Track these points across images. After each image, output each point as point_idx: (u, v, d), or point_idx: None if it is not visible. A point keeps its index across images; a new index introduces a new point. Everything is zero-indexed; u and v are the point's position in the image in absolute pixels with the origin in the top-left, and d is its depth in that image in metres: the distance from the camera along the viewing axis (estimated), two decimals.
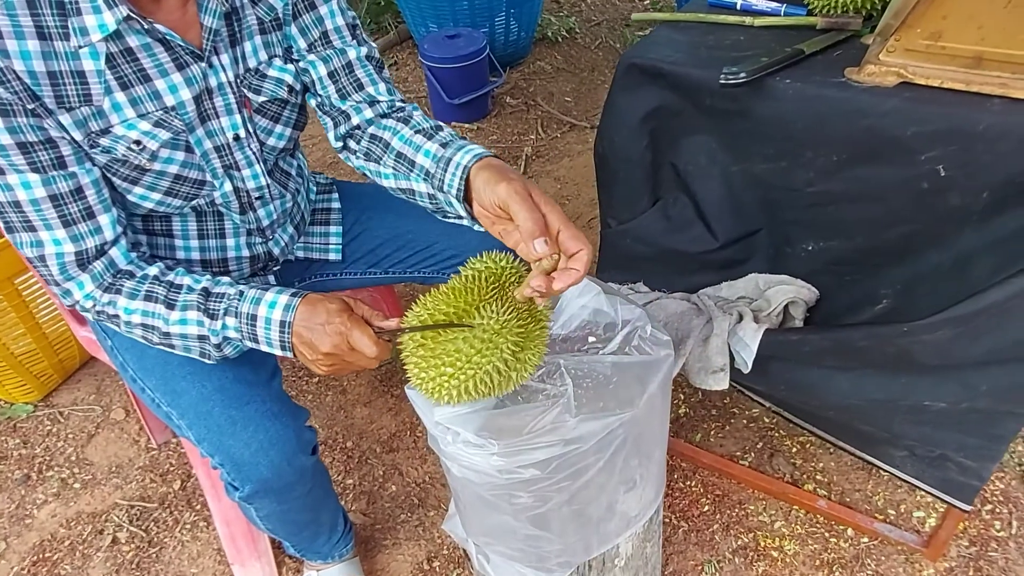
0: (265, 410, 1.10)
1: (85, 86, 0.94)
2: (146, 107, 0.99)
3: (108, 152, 0.99)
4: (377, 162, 1.11)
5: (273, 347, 1.01)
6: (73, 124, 0.95)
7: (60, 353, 1.99)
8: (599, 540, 1.15)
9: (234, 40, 1.06)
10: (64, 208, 0.97)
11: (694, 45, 1.27)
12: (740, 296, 1.39)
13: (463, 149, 0.98)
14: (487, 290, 0.91)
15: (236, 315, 1.01)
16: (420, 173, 1.05)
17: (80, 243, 0.99)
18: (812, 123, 1.11)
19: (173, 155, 1.04)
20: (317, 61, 1.14)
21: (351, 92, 1.15)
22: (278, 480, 1.10)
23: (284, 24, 1.12)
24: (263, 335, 1.00)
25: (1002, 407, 1.15)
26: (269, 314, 0.99)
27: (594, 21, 3.99)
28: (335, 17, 1.14)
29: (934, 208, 1.08)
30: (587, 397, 1.02)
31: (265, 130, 1.15)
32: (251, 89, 1.10)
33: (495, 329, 0.87)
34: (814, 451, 1.75)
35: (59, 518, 1.75)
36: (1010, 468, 1.67)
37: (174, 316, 1.01)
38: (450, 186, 0.98)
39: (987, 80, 1.01)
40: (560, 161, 2.91)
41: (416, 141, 1.06)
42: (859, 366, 1.22)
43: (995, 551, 1.52)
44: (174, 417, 1.13)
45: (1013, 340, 1.05)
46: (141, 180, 1.03)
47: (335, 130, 1.17)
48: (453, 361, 0.88)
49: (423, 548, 1.63)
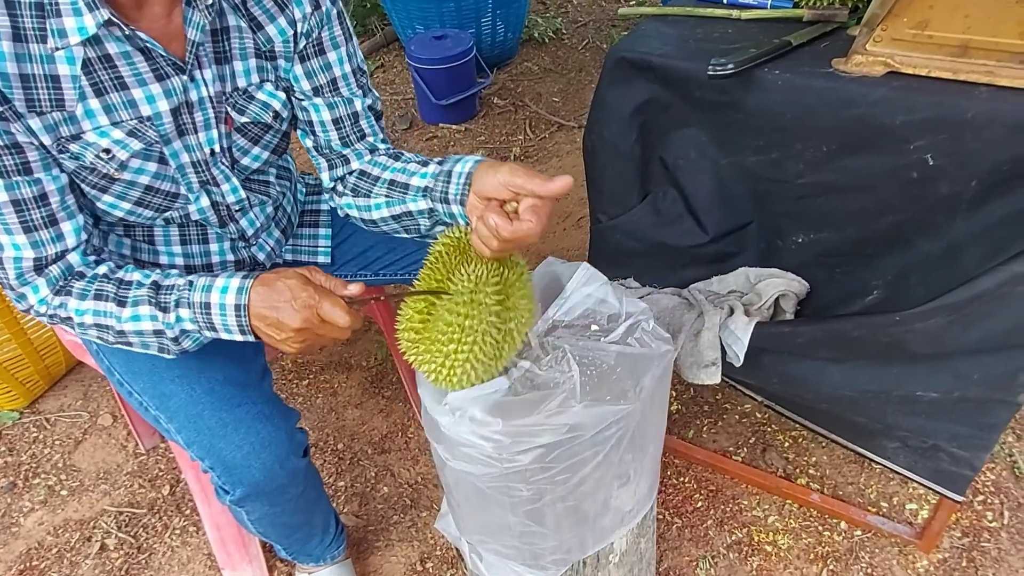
0: (256, 412, 1.09)
1: (58, 91, 0.92)
2: (120, 115, 0.97)
3: (76, 159, 0.97)
4: (367, 196, 1.12)
5: (232, 333, 0.97)
6: (43, 128, 0.92)
7: (46, 359, 1.97)
8: (594, 537, 1.14)
9: (221, 58, 1.04)
10: (26, 214, 0.94)
11: (683, 38, 1.27)
12: (731, 290, 1.39)
13: (460, 161, 1.01)
14: (453, 262, 0.94)
15: (189, 305, 0.97)
16: (417, 193, 1.06)
17: (40, 249, 0.97)
18: (801, 114, 1.11)
19: (145, 166, 1.02)
20: (322, 106, 1.13)
21: (354, 141, 1.16)
22: (270, 483, 1.09)
23: (283, 58, 1.10)
24: (220, 322, 0.96)
25: (994, 396, 1.16)
26: (222, 299, 0.95)
27: (580, 22, 4.00)
28: (343, 64, 1.13)
29: (924, 197, 1.08)
30: (591, 385, 1.01)
31: (242, 149, 1.13)
32: (235, 108, 1.08)
33: (471, 288, 0.89)
34: (807, 445, 1.75)
35: (46, 526, 1.73)
36: (1001, 459, 1.67)
37: (126, 313, 0.98)
38: (455, 194, 0.99)
39: (974, 68, 1.01)
40: (549, 161, 2.91)
41: (410, 168, 1.09)
42: (852, 357, 1.22)
43: (987, 541, 1.53)
44: (163, 421, 1.11)
45: (1004, 328, 1.05)
46: (110, 189, 1.02)
47: (330, 171, 1.18)
48: (450, 336, 0.90)
49: (416, 549, 1.62)
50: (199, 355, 1.11)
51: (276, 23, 1.06)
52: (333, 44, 1.11)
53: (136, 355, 1.13)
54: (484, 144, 3.03)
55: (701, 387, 1.92)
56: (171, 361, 1.10)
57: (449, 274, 0.92)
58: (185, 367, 1.11)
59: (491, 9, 3.30)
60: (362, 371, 2.07)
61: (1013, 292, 1.01)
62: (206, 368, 1.11)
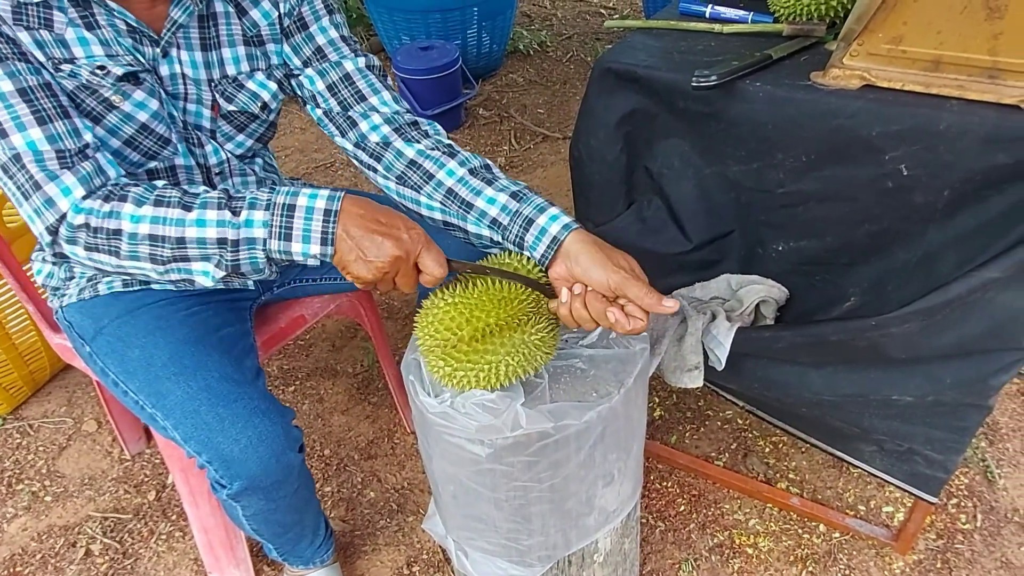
0: (253, 407, 1.10)
1: (47, 11, 0.93)
2: (116, 49, 0.98)
3: (73, 77, 0.96)
4: (415, 190, 1.10)
5: (310, 240, 0.91)
6: (33, 44, 0.92)
7: (30, 364, 1.96)
8: (578, 534, 1.17)
9: (209, 44, 1.07)
10: (36, 103, 0.91)
11: (667, 50, 1.30)
12: (713, 296, 1.42)
13: (544, 212, 1.00)
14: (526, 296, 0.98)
15: (268, 207, 0.91)
16: (482, 219, 1.04)
17: (58, 143, 0.92)
18: (782, 125, 1.14)
19: (148, 101, 1.03)
20: (314, 75, 1.15)
21: (353, 103, 1.15)
22: (266, 477, 1.10)
23: (272, 41, 1.13)
24: (301, 226, 0.90)
25: (966, 399, 1.19)
26: (311, 203, 0.91)
27: (565, 35, 4.05)
28: (326, 32, 1.15)
29: (899, 206, 1.11)
30: (564, 389, 1.04)
31: (226, 135, 1.16)
32: (223, 96, 1.11)
33: (538, 345, 0.97)
34: (787, 450, 1.79)
35: (30, 532, 1.72)
36: (974, 464, 1.72)
37: (192, 216, 0.91)
38: (533, 248, 0.99)
39: (946, 82, 1.05)
40: (534, 172, 2.95)
41: (472, 184, 1.05)
42: (830, 361, 1.26)
43: (961, 543, 1.56)
44: (159, 418, 1.11)
45: (975, 333, 1.09)
46: (106, 118, 1.00)
47: (343, 137, 1.16)
48: (498, 362, 0.95)
49: (403, 553, 1.63)
50: (194, 354, 1.13)
51: (260, 6, 1.10)
52: (314, 16, 1.15)
53: (131, 355, 1.14)
54: None
55: (684, 394, 1.95)
56: (167, 359, 1.12)
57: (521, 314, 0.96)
58: (181, 365, 1.12)
59: (477, 21, 3.34)
60: (348, 377, 2.08)
61: (984, 298, 1.05)
62: (201, 366, 1.12)
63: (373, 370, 2.09)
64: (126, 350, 1.15)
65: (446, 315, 0.95)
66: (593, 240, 0.97)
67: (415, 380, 1.06)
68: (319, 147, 3.18)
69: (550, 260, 0.99)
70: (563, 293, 0.97)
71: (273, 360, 2.16)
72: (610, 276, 0.93)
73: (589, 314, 0.95)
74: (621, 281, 0.93)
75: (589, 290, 0.95)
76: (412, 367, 1.09)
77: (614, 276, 0.93)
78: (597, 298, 0.94)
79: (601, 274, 0.94)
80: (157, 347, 1.14)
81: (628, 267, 0.95)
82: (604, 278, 0.93)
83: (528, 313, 0.97)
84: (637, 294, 0.92)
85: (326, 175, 3.02)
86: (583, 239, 0.97)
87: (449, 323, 0.94)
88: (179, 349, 1.14)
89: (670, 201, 1.36)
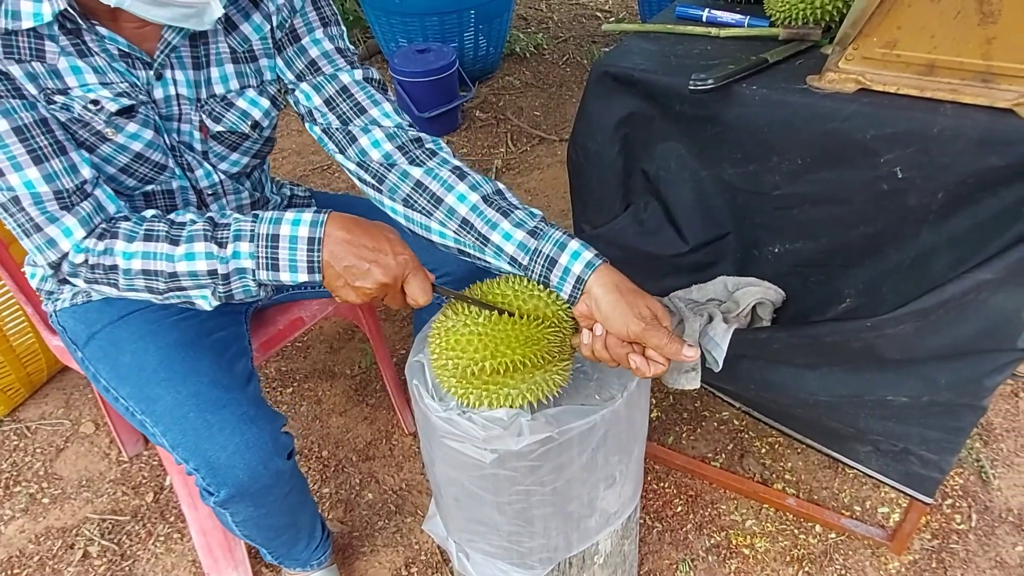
0: (241, 414, 1.08)
1: (39, 41, 0.90)
2: (110, 77, 0.96)
3: (66, 110, 0.94)
4: (425, 215, 1.05)
5: (297, 270, 0.93)
6: (25, 77, 0.90)
7: (28, 366, 1.96)
8: (579, 536, 1.17)
9: (198, 63, 1.04)
10: (32, 142, 0.90)
11: (664, 54, 1.31)
12: (710, 298, 1.43)
13: (565, 248, 0.97)
14: (552, 336, 0.97)
15: (252, 239, 0.92)
16: (500, 255, 1.01)
17: (56, 182, 0.92)
18: (778, 128, 1.15)
19: (142, 132, 1.01)
20: (309, 90, 1.11)
21: (353, 116, 1.10)
22: (254, 483, 1.09)
23: (265, 56, 1.10)
24: (286, 256, 0.92)
25: (960, 400, 1.20)
26: (294, 231, 0.91)
27: (561, 38, 4.06)
28: (320, 44, 1.10)
29: (894, 209, 1.12)
30: (567, 392, 1.05)
31: (219, 156, 1.13)
32: (211, 116, 1.08)
33: (558, 383, 0.99)
34: (783, 451, 1.80)
35: (28, 534, 1.72)
36: (968, 464, 1.73)
37: (179, 251, 0.93)
38: (559, 287, 0.98)
39: (939, 86, 1.07)
40: (530, 174, 2.96)
41: (488, 215, 1.01)
42: (826, 363, 1.27)
43: (956, 543, 1.58)
44: (148, 425, 1.11)
45: (969, 333, 1.10)
46: (99, 148, 0.99)
47: (343, 155, 1.11)
48: (515, 395, 0.96)
49: (401, 554, 1.63)
50: (184, 359, 1.12)
51: (251, 20, 1.06)
52: (307, 28, 1.10)
53: (122, 360, 1.13)
54: (467, 156, 3.06)
55: (680, 395, 1.96)
56: (157, 364, 1.11)
57: (545, 350, 0.96)
58: (171, 370, 1.11)
59: (474, 23, 3.35)
60: (346, 379, 2.09)
61: (977, 299, 1.06)
62: (192, 371, 1.11)
63: (371, 372, 2.10)
64: (117, 355, 1.14)
65: (468, 342, 0.93)
66: (615, 285, 0.95)
67: (419, 384, 1.06)
68: (316, 149, 3.19)
69: (577, 299, 0.97)
70: (585, 334, 0.97)
71: (271, 362, 2.16)
72: (630, 326, 0.91)
73: (610, 355, 0.94)
74: (641, 333, 0.91)
75: (610, 336, 0.94)
76: (416, 370, 1.09)
77: (634, 327, 0.91)
78: (619, 343, 0.94)
79: (621, 324, 0.92)
80: (148, 352, 1.13)
81: (650, 315, 0.93)
82: (624, 329, 0.92)
83: (552, 352, 0.96)
84: (658, 344, 0.91)
85: (323, 177, 3.02)
86: (605, 283, 0.94)
87: (472, 352, 0.93)
88: (170, 354, 1.13)
89: (667, 203, 1.37)
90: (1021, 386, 1.90)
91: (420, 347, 1.11)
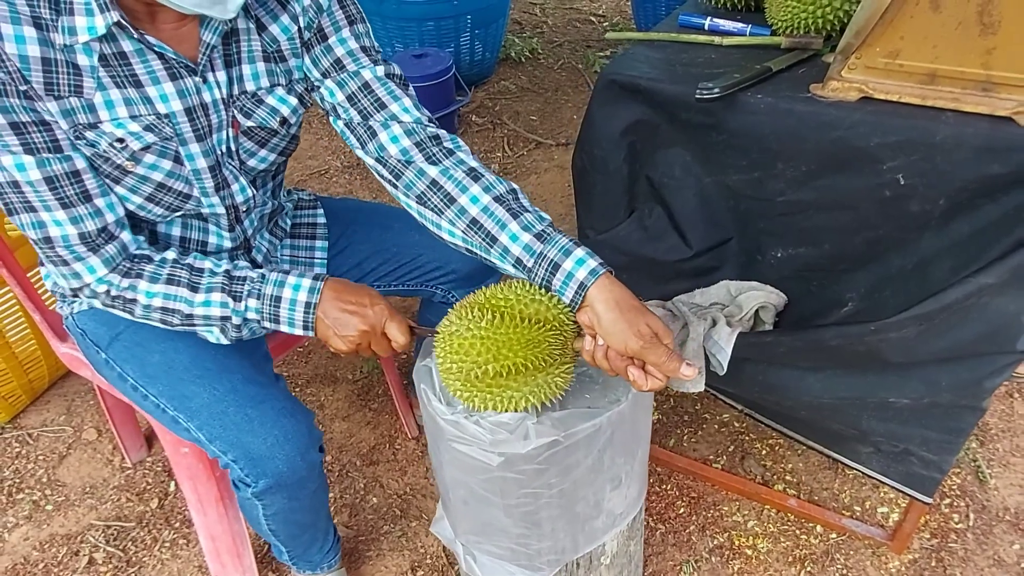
0: (280, 407, 1.14)
1: (78, 77, 0.95)
2: (139, 110, 1.00)
3: (92, 146, 0.99)
4: (437, 213, 1.09)
5: (294, 327, 1.07)
6: (60, 113, 0.95)
7: (30, 373, 1.96)
8: (587, 538, 1.19)
9: (230, 61, 1.07)
10: (61, 191, 0.97)
11: (669, 62, 1.33)
12: (713, 302, 1.45)
13: (570, 255, 0.98)
14: (553, 339, 0.98)
15: (259, 297, 1.06)
16: (506, 256, 1.03)
17: (80, 225, 1.00)
18: (783, 135, 1.17)
19: (159, 163, 1.04)
20: (334, 87, 1.13)
21: (373, 112, 1.12)
22: (292, 474, 1.13)
23: (293, 57, 1.12)
24: (286, 316, 1.06)
25: (961, 402, 1.23)
26: (294, 295, 1.06)
27: (556, 42, 4.08)
28: (346, 43, 1.13)
29: (896, 215, 1.15)
30: (573, 394, 1.07)
31: (248, 152, 1.15)
32: (242, 112, 1.11)
33: (560, 385, 1.01)
34: (783, 453, 1.82)
35: (32, 541, 1.72)
36: (966, 464, 1.76)
37: (199, 298, 1.06)
38: (561, 292, 0.99)
39: (941, 95, 1.09)
40: (528, 178, 2.97)
41: (498, 215, 1.04)
42: (829, 365, 1.29)
43: (955, 542, 1.60)
44: (182, 420, 1.14)
45: (970, 337, 1.12)
46: (123, 180, 1.03)
47: (363, 149, 1.14)
48: (519, 398, 0.98)
49: (407, 558, 1.64)
50: (216, 359, 1.16)
51: (279, 21, 1.09)
52: (334, 27, 1.12)
53: (151, 360, 1.17)
54: None
55: (681, 398, 1.98)
56: (189, 363, 1.15)
57: (545, 354, 0.97)
58: (203, 369, 1.15)
59: (470, 28, 3.37)
60: (348, 384, 2.10)
61: (978, 303, 1.08)
62: (225, 370, 1.15)
63: (372, 377, 2.11)
64: (145, 355, 1.17)
65: (472, 347, 0.95)
66: (616, 302, 0.95)
67: (427, 388, 1.08)
68: (313, 154, 3.19)
69: (579, 306, 0.98)
70: (587, 340, 0.98)
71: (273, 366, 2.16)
72: (629, 343, 0.92)
73: (610, 366, 0.96)
74: (640, 350, 0.92)
75: (622, 357, 0.95)
76: (424, 374, 1.11)
77: (633, 344, 0.92)
78: (619, 356, 0.95)
79: (621, 341, 0.93)
80: (177, 351, 1.17)
81: (650, 333, 0.93)
82: (623, 345, 0.93)
83: (554, 355, 0.98)
84: (657, 361, 0.92)
85: (320, 182, 3.03)
86: (607, 299, 0.95)
87: (476, 356, 0.95)
88: (200, 353, 1.17)
89: (671, 209, 1.39)
90: (1017, 387, 1.93)
91: (427, 352, 1.13)
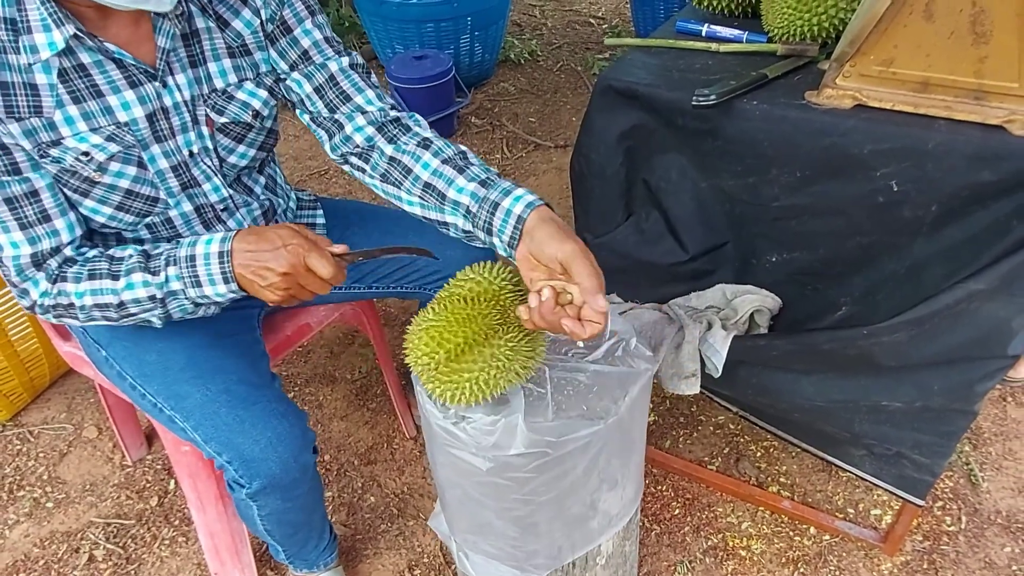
0: (272, 410, 1.14)
1: (36, 98, 0.96)
2: (98, 121, 1.01)
3: (57, 162, 1.00)
4: (397, 186, 1.12)
5: (215, 282, 1.01)
6: (22, 134, 0.96)
7: (31, 371, 1.97)
8: (583, 539, 1.20)
9: (195, 61, 1.08)
10: (20, 211, 0.99)
11: (666, 68, 1.35)
12: (708, 305, 1.46)
13: (509, 194, 1.00)
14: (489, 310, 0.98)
15: (175, 262, 1.01)
16: (456, 208, 1.05)
17: (37, 244, 1.02)
18: (778, 142, 1.19)
19: (124, 169, 1.06)
20: (301, 79, 1.16)
21: (339, 104, 1.16)
22: (285, 476, 1.14)
23: (258, 50, 1.14)
24: (204, 272, 1.00)
25: (953, 405, 1.24)
26: (207, 249, 1.00)
27: (555, 44, 4.10)
28: (311, 34, 1.16)
29: (889, 221, 1.16)
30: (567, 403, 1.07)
31: (227, 148, 1.17)
32: (214, 109, 1.12)
33: (509, 356, 0.98)
34: (778, 455, 1.83)
35: (32, 538, 1.73)
36: (958, 467, 1.77)
37: (121, 284, 1.03)
38: (501, 232, 1.00)
39: (933, 103, 1.11)
40: (526, 180, 2.99)
41: (446, 173, 1.06)
42: (822, 369, 1.30)
43: (947, 545, 1.62)
44: (178, 420, 1.15)
45: (961, 341, 1.14)
46: (91, 192, 1.05)
47: (330, 142, 1.18)
48: (475, 377, 0.97)
49: (404, 557, 1.66)
50: (210, 358, 1.17)
51: (241, 16, 1.11)
52: (297, 19, 1.15)
53: (148, 359, 1.18)
54: None
55: (677, 400, 1.99)
56: (184, 363, 1.16)
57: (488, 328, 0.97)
58: (198, 368, 1.16)
59: (469, 30, 3.38)
60: (347, 384, 2.11)
61: (969, 308, 1.10)
62: (219, 369, 1.16)
63: (371, 376, 2.12)
64: (142, 354, 1.18)
65: (421, 341, 0.98)
66: (552, 219, 0.96)
67: (421, 390, 1.09)
68: (312, 154, 3.21)
69: (518, 241, 0.98)
70: (521, 309, 0.96)
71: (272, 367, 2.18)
72: (561, 248, 0.90)
73: (546, 323, 0.93)
74: (569, 254, 0.90)
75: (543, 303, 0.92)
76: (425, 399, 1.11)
77: (565, 248, 0.90)
78: (550, 310, 0.91)
79: (555, 248, 0.91)
80: (174, 351, 1.18)
81: (582, 249, 0.91)
82: (554, 251, 0.91)
83: (493, 327, 0.98)
84: (580, 271, 0.89)
85: (320, 182, 3.04)
86: (543, 217, 0.96)
87: (425, 348, 0.98)
88: (196, 353, 1.18)
89: (668, 213, 1.41)
90: (1009, 391, 1.94)
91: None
